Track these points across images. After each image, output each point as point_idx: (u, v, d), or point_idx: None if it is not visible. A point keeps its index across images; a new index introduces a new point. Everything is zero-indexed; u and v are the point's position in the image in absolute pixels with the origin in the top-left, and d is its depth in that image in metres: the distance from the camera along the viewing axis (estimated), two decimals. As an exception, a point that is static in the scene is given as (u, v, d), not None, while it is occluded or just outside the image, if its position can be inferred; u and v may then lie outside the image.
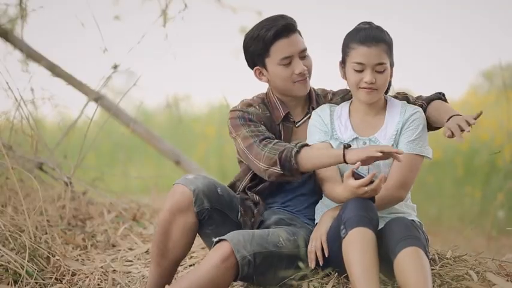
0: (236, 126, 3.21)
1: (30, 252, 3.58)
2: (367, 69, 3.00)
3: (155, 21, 5.59)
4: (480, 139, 9.66)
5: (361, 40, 3.00)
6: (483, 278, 3.07)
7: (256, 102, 3.29)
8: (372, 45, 2.99)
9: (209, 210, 3.10)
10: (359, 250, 2.73)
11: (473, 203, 8.25)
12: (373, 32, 3.02)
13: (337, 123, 3.15)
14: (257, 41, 3.18)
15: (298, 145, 3.00)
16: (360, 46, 3.00)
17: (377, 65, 3.00)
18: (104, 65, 5.40)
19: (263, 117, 3.24)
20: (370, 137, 3.10)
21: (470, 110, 11.37)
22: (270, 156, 3.05)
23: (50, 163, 4.96)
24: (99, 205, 4.94)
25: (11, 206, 4.28)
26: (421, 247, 2.76)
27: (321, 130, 3.15)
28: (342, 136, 3.12)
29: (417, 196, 8.89)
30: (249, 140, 3.14)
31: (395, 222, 2.88)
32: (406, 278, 2.69)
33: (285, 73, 3.18)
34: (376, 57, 3.00)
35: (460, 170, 9.11)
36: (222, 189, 3.18)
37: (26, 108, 4.61)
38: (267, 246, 2.99)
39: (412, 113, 3.10)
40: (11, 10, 6.35)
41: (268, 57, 3.19)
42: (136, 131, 6.96)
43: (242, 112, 3.23)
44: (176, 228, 3.07)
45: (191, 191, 3.07)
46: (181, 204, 3.06)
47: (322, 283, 3.03)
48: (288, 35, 3.17)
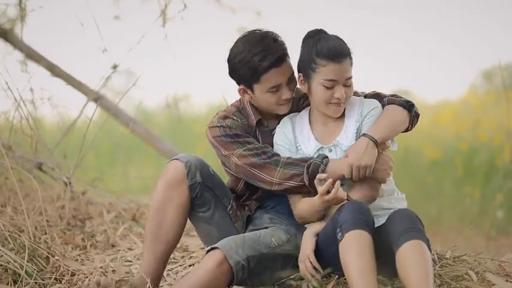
0: (225, 144, 3.16)
1: (30, 252, 3.57)
2: (338, 85, 2.99)
3: (155, 21, 5.59)
4: (480, 139, 9.66)
5: (331, 56, 2.97)
6: (483, 278, 3.08)
7: (231, 112, 3.24)
8: (342, 60, 2.98)
9: (201, 185, 3.11)
10: (356, 253, 2.73)
11: (473, 203, 8.25)
12: (338, 45, 3.00)
13: (300, 137, 3.14)
14: (248, 68, 3.10)
15: (324, 161, 2.99)
16: (330, 63, 2.97)
17: (347, 79, 3.01)
18: (103, 65, 5.40)
19: (242, 126, 3.21)
20: (333, 142, 3.09)
21: (470, 109, 11.38)
22: (286, 171, 3.03)
23: (50, 163, 4.96)
24: (99, 205, 4.94)
25: (11, 206, 4.28)
26: (424, 240, 2.76)
27: (286, 149, 3.14)
28: (306, 150, 3.11)
29: (417, 196, 8.90)
30: (249, 159, 3.10)
31: (399, 213, 2.87)
32: (407, 271, 2.69)
33: (272, 99, 3.14)
34: (346, 73, 2.99)
35: (460, 170, 9.11)
36: (214, 171, 3.20)
37: (25, 108, 4.61)
38: (259, 248, 3.01)
39: (370, 109, 3.08)
40: (11, 10, 6.36)
41: (257, 84, 3.13)
42: (136, 131, 6.96)
43: (223, 128, 3.18)
44: (171, 206, 3.08)
45: (183, 163, 3.09)
46: (174, 179, 3.09)
47: (322, 283, 3.03)
48: (280, 64, 3.10)
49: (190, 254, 3.81)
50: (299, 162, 3.03)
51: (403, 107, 3.10)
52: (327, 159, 3.00)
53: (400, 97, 3.16)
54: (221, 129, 3.18)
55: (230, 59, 3.17)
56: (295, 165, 3.03)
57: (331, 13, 16.49)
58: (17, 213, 4.15)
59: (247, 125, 3.22)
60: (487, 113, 10.76)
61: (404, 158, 9.97)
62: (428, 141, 10.18)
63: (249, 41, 3.12)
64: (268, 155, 3.10)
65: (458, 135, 10.08)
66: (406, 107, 3.10)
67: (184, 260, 3.73)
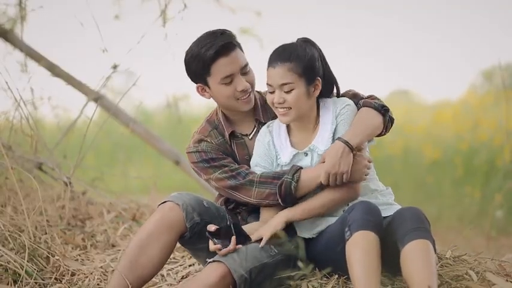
0: (203, 170, 3.20)
1: (30, 252, 3.58)
2: (275, 90, 3.02)
3: (155, 21, 5.59)
4: (479, 139, 9.66)
5: (270, 60, 3.01)
6: (483, 278, 3.08)
7: (206, 131, 3.26)
8: (276, 65, 3.00)
9: (199, 224, 3.11)
10: (362, 251, 2.74)
11: (473, 203, 8.25)
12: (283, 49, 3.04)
13: (279, 144, 3.15)
14: (197, 61, 3.12)
15: (295, 177, 3.03)
16: (268, 68, 3.02)
17: (281, 85, 3.01)
18: (103, 65, 5.40)
19: (218, 146, 3.22)
20: (309, 146, 3.10)
21: (470, 109, 11.38)
22: (261, 191, 3.08)
23: (50, 163, 4.96)
24: (99, 205, 4.94)
25: (11, 206, 4.28)
26: (430, 240, 2.77)
27: (264, 166, 3.16)
28: (284, 159, 3.12)
29: (417, 196, 8.91)
30: (225, 181, 3.14)
31: (407, 211, 2.88)
32: (411, 270, 2.70)
33: (227, 91, 3.13)
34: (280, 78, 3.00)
35: (460, 170, 9.11)
36: (207, 202, 3.21)
37: (25, 108, 4.61)
38: (261, 258, 3.00)
39: (342, 107, 3.08)
40: (11, 10, 6.36)
41: (209, 76, 3.14)
42: (136, 131, 6.96)
43: (199, 153, 3.20)
44: (157, 244, 3.05)
45: (179, 205, 3.09)
46: (169, 220, 3.07)
47: (322, 283, 3.03)
48: (228, 53, 3.09)
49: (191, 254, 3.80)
50: (272, 180, 3.07)
51: (377, 111, 3.09)
52: (298, 174, 3.03)
53: (376, 99, 3.15)
54: (197, 155, 3.21)
55: (184, 58, 3.20)
56: (269, 184, 3.07)
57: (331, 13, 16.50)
58: (17, 213, 4.15)
59: (223, 141, 3.25)
60: (487, 113, 10.76)
61: (404, 158, 9.98)
62: (428, 141, 10.19)
63: (199, 38, 3.16)
64: (242, 175, 3.13)
65: (458, 135, 10.08)
66: (380, 111, 3.10)
67: (184, 260, 3.73)
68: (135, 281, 3.06)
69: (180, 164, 7.17)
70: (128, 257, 3.07)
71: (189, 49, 3.16)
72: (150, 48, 5.58)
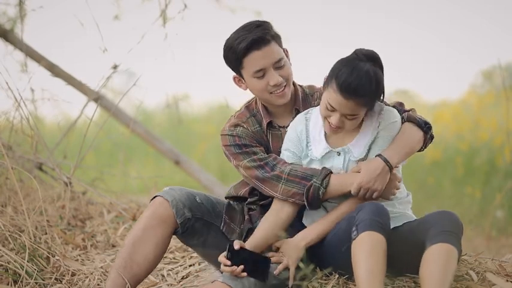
0: (233, 155, 3.17)
1: (30, 253, 3.58)
2: (336, 113, 2.92)
3: (155, 21, 5.59)
4: (480, 139, 9.66)
5: (341, 89, 2.86)
6: (483, 278, 3.08)
7: (244, 117, 3.24)
8: (350, 99, 2.87)
9: (191, 220, 3.11)
10: (368, 252, 2.74)
11: (473, 203, 8.24)
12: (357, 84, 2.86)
13: (313, 135, 3.10)
14: (232, 52, 3.11)
15: (325, 182, 2.99)
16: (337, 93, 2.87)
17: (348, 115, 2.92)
18: (103, 65, 5.41)
19: (253, 134, 3.20)
20: (343, 147, 3.05)
21: (470, 109, 11.38)
22: (287, 189, 3.04)
23: (50, 163, 4.96)
24: (99, 205, 4.94)
25: (11, 206, 4.28)
26: (458, 249, 2.75)
27: (293, 152, 3.11)
28: (315, 153, 3.08)
29: (417, 196, 8.89)
30: (253, 171, 3.11)
31: (447, 214, 2.86)
32: (429, 271, 2.70)
33: (260, 85, 3.11)
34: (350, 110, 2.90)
35: (460, 170, 9.11)
36: (200, 197, 3.18)
37: (25, 108, 4.61)
38: (269, 281, 2.99)
39: (389, 123, 3.03)
40: (11, 10, 6.36)
41: (243, 69, 3.13)
42: (136, 131, 6.97)
43: (233, 137, 3.18)
44: (150, 241, 3.06)
45: (169, 201, 3.08)
46: (159, 216, 3.07)
47: (322, 283, 3.03)
48: (260, 47, 3.07)
49: (191, 254, 3.80)
50: (300, 180, 3.03)
51: (420, 127, 3.07)
52: (328, 180, 3.00)
53: (420, 116, 3.12)
54: (231, 138, 3.18)
55: (223, 48, 3.18)
56: (297, 183, 3.03)
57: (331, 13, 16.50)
58: (18, 213, 4.15)
59: (260, 130, 3.22)
60: (488, 113, 10.76)
61: (404, 158, 9.96)
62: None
63: (237, 29, 3.13)
64: (270, 165, 3.09)
65: (459, 135, 10.08)
66: (423, 128, 3.07)
67: (185, 260, 3.73)
68: (132, 278, 3.05)
69: (180, 164, 7.18)
70: (123, 254, 3.08)
71: (227, 40, 3.15)
72: (150, 48, 5.58)
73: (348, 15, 16.91)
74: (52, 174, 5.14)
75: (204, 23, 8.78)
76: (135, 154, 10.73)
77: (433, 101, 13.83)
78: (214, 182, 7.50)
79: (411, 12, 17.47)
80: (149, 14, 6.36)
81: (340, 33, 16.37)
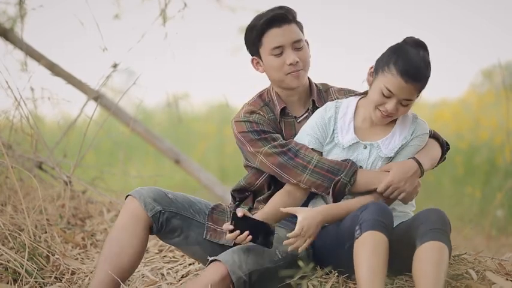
0: (252, 141, 3.12)
1: (30, 251, 3.58)
2: (393, 98, 2.94)
3: (155, 20, 5.60)
4: (480, 138, 9.66)
5: (404, 72, 2.89)
6: (483, 277, 3.08)
7: (258, 105, 3.20)
8: (410, 83, 2.90)
9: (163, 213, 3.09)
10: (370, 252, 2.74)
11: (473, 202, 8.24)
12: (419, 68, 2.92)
13: (340, 124, 3.10)
14: (252, 31, 3.14)
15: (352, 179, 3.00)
16: (399, 77, 2.89)
17: (405, 99, 2.95)
18: (103, 63, 5.41)
19: (269, 121, 3.17)
20: (372, 142, 3.07)
21: (470, 108, 11.38)
22: (312, 180, 3.03)
23: (50, 162, 4.96)
24: (99, 204, 4.94)
25: (11, 205, 4.28)
26: (448, 246, 2.77)
27: (316, 138, 3.10)
28: (342, 140, 3.08)
29: (417, 195, 8.90)
30: (275, 157, 3.07)
31: (433, 211, 2.88)
32: (422, 270, 2.70)
33: (276, 63, 3.11)
34: (408, 94, 2.93)
35: (460, 169, 9.11)
36: (174, 194, 3.17)
37: (25, 107, 4.61)
38: (263, 262, 2.97)
39: (422, 133, 3.08)
40: (11, 9, 6.37)
41: (261, 47, 3.14)
42: (136, 130, 6.97)
43: (250, 123, 3.13)
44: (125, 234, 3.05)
45: (137, 198, 3.08)
46: (131, 211, 3.08)
47: (322, 282, 3.03)
48: (280, 25, 3.10)
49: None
50: (325, 173, 3.02)
51: (441, 146, 3.17)
52: (355, 177, 3.00)
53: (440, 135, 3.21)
54: (248, 124, 3.14)
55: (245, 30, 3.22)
56: (322, 176, 3.02)
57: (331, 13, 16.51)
58: (17, 212, 4.15)
59: (274, 118, 3.19)
60: (487, 112, 10.76)
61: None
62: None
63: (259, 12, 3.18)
64: (293, 151, 3.05)
65: (459, 135, 10.07)
66: (444, 147, 3.18)
67: (184, 259, 3.73)
68: (115, 270, 3.03)
69: (180, 163, 7.18)
70: (102, 252, 3.09)
71: (249, 23, 3.19)
72: (150, 47, 5.58)
73: (348, 15, 16.91)
74: (52, 173, 5.15)
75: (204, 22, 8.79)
76: (135, 153, 10.74)
77: (433, 100, 13.82)
78: (214, 181, 7.50)
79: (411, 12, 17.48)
80: (149, 13, 6.36)
81: (340, 33, 16.35)
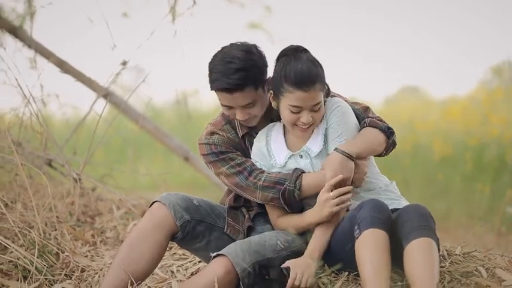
0: (212, 163, 3.23)
1: (40, 249, 3.59)
2: (304, 110, 2.98)
3: (164, 17, 5.60)
4: (489, 135, 9.62)
5: (297, 84, 2.93)
6: (492, 274, 3.07)
7: (220, 124, 3.27)
8: (308, 88, 2.94)
9: (190, 222, 3.12)
10: (371, 250, 2.74)
11: (483, 199, 8.21)
12: (306, 71, 2.94)
13: (274, 147, 3.16)
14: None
15: (297, 184, 3.06)
16: (296, 90, 2.94)
17: (314, 105, 2.99)
18: (112, 61, 5.41)
19: (229, 140, 3.24)
20: (303, 148, 3.11)
21: (479, 105, 11.34)
22: (265, 194, 3.12)
23: (59, 159, 4.98)
24: (108, 201, 4.96)
25: (21, 202, 4.30)
26: (434, 239, 2.77)
27: (261, 164, 3.19)
28: (278, 160, 3.14)
29: (426, 192, 8.88)
30: (233, 178, 3.18)
31: (412, 208, 2.88)
32: (414, 268, 2.70)
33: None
34: (313, 100, 2.97)
35: (469, 166, 9.08)
36: (198, 200, 3.21)
37: (35, 105, 4.62)
38: (265, 253, 3.00)
39: (331, 110, 3.08)
40: (20, 7, 6.38)
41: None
42: (145, 128, 6.97)
43: (209, 145, 3.23)
44: (146, 242, 3.06)
45: (166, 205, 3.10)
46: (158, 219, 3.08)
47: (331, 280, 3.03)
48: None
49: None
50: (274, 185, 3.10)
51: (383, 132, 3.12)
52: (300, 180, 3.07)
53: (384, 122, 3.17)
54: (207, 147, 3.24)
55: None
56: (271, 188, 3.11)
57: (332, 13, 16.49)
58: (27, 209, 4.17)
59: (236, 136, 3.26)
60: (497, 109, 10.72)
61: (414, 153, 9.95)
62: (437, 137, 10.15)
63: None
64: (248, 170, 3.16)
65: (468, 131, 10.04)
66: (386, 133, 3.13)
67: (194, 257, 3.73)
68: (128, 277, 3.04)
69: (189, 161, 7.18)
70: (119, 254, 3.09)
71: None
72: (160, 44, 5.59)
73: (347, 15, 16.90)
74: (61, 171, 5.16)
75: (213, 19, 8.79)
76: (144, 150, 10.75)
77: (442, 96, 13.80)
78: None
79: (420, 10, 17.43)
80: (158, 10, 6.36)
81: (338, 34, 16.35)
